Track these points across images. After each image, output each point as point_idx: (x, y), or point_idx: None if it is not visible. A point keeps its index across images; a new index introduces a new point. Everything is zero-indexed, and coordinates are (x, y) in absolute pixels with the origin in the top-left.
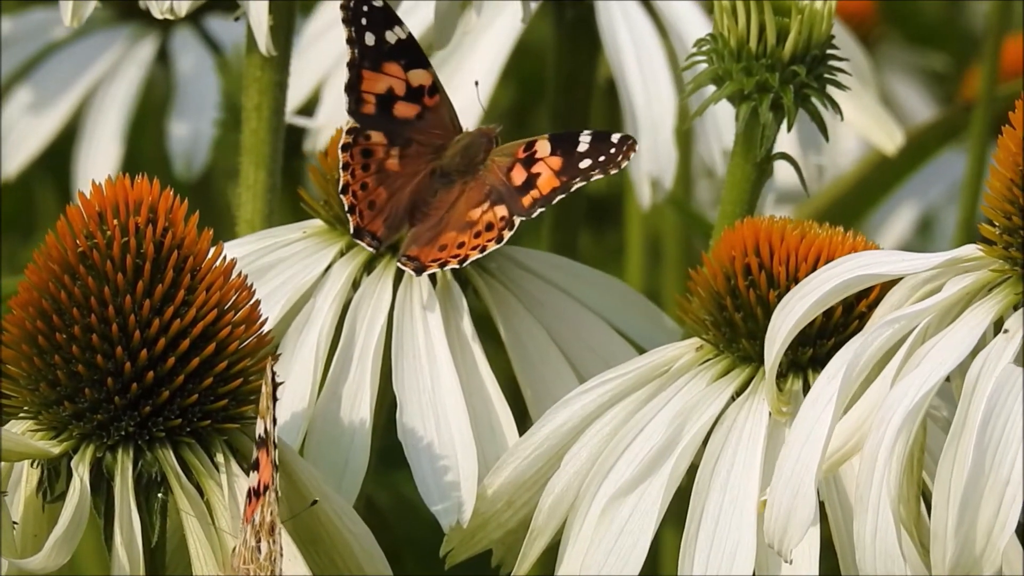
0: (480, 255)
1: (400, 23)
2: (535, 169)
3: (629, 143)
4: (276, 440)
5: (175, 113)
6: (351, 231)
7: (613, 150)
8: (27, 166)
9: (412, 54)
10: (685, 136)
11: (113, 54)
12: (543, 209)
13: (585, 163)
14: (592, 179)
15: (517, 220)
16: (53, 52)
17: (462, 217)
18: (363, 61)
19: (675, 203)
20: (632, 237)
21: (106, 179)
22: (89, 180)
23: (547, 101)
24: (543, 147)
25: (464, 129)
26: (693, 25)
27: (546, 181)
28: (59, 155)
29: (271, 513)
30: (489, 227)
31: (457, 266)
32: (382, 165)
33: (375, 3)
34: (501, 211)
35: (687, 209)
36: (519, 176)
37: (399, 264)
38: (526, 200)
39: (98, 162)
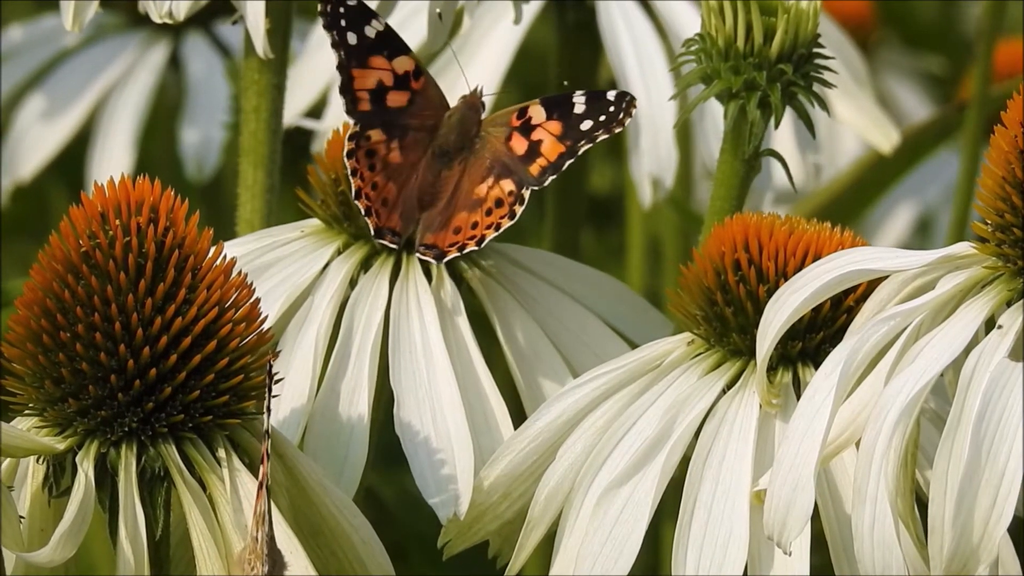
0: (496, 233)
1: (376, 16)
2: (535, 136)
3: (628, 99)
4: (269, 431)
5: (186, 117)
6: (372, 232)
7: (612, 108)
8: (41, 170)
9: (393, 43)
10: (686, 137)
11: (125, 59)
12: (554, 176)
13: (586, 124)
14: (597, 140)
15: (527, 192)
16: (67, 58)
17: (469, 195)
18: (350, 61)
19: (675, 203)
20: (633, 237)
21: (108, 180)
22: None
23: None
24: (537, 112)
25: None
26: (692, 26)
27: (551, 147)
28: (71, 159)
29: (262, 503)
30: (499, 203)
31: (476, 248)
32: (386, 161)
33: (349, 2)
34: (508, 186)
35: (686, 209)
36: (520, 145)
37: (418, 256)
38: (534, 169)
39: (111, 165)
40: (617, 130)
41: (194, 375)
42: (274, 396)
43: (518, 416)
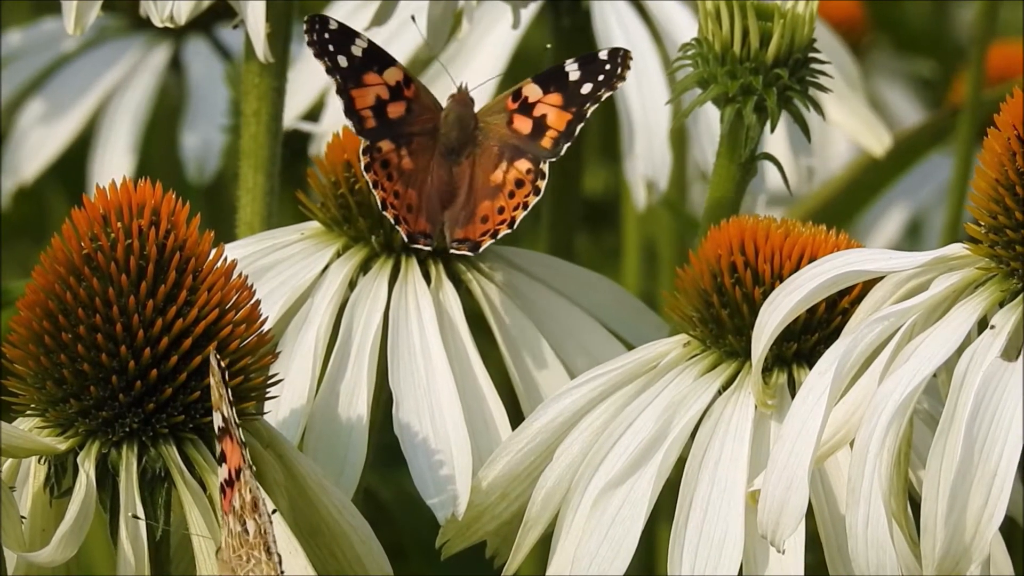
0: (525, 212)
1: (358, 35)
2: (538, 112)
3: (622, 54)
4: (236, 421)
5: (187, 120)
6: (405, 239)
7: (608, 66)
8: (44, 171)
9: (379, 57)
10: (680, 140)
11: (127, 63)
12: (569, 144)
13: (587, 88)
14: (602, 99)
15: (546, 166)
16: (69, 61)
17: (486, 184)
18: (347, 83)
19: (670, 205)
20: (628, 239)
21: (110, 183)
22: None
23: None
24: (532, 91)
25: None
26: (686, 31)
27: (557, 118)
28: (69, 162)
29: (250, 491)
30: (519, 184)
31: (509, 230)
32: (401, 169)
33: (331, 27)
34: (524, 165)
35: (681, 211)
36: (524, 124)
37: (452, 251)
38: (546, 142)
39: (112, 168)
40: (619, 85)
41: (195, 376)
42: (273, 397)
43: (516, 417)
